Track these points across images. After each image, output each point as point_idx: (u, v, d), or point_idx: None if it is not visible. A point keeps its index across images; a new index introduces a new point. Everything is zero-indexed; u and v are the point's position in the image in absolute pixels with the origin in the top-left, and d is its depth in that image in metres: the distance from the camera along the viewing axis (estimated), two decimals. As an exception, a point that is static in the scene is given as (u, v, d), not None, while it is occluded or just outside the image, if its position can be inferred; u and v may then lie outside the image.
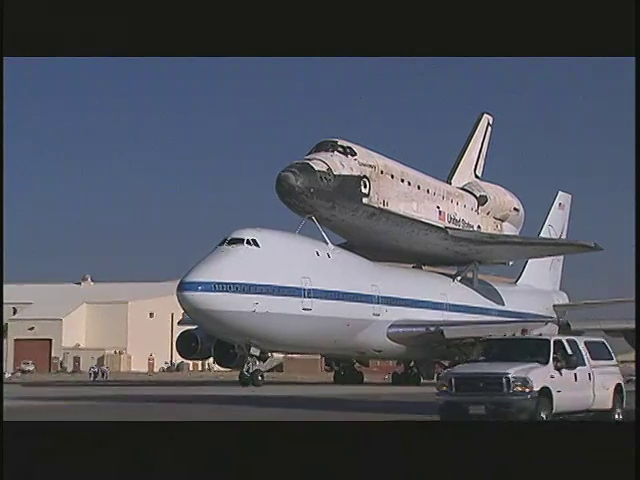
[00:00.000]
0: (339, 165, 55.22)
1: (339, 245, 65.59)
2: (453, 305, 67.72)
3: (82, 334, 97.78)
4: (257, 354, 52.87)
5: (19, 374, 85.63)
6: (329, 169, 54.14)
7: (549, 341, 24.48)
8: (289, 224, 64.65)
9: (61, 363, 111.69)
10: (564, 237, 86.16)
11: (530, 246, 71.42)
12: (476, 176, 74.90)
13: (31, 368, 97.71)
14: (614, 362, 27.31)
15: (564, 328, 63.50)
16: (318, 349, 54.74)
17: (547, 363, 23.91)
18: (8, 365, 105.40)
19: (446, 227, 64.87)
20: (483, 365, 24.47)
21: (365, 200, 57.07)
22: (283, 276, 51.78)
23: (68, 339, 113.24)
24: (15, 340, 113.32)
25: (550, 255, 76.06)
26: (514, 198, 72.77)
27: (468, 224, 68.22)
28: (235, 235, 51.45)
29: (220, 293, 50.06)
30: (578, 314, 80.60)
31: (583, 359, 25.02)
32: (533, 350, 24.54)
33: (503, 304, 71.39)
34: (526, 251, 71.97)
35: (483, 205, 71.04)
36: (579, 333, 64.60)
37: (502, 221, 72.67)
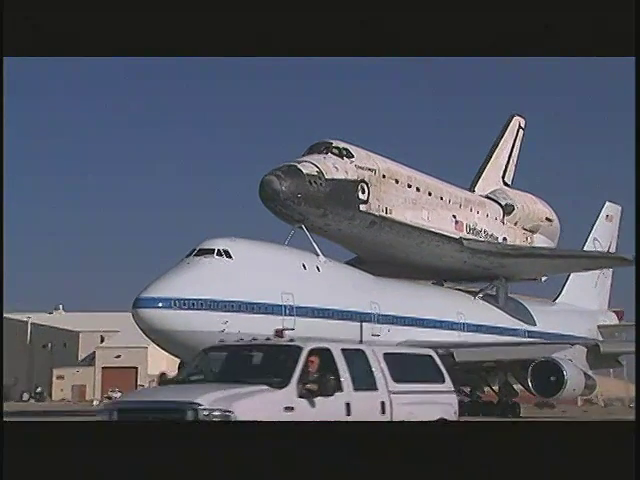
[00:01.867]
0: (332, 168, 50.61)
1: (350, 260, 61.18)
2: (472, 325, 62.13)
3: (166, 362, 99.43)
4: None
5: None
6: (320, 172, 49.80)
7: (299, 349, 17.75)
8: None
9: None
10: (612, 251, 78.21)
11: (559, 259, 66.52)
12: (505, 183, 70.70)
13: (117, 395, 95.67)
14: (444, 386, 21.03)
15: (592, 350, 58.63)
16: None
17: (286, 385, 17.36)
18: (96, 392, 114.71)
19: (461, 238, 60.37)
20: (168, 389, 18.34)
21: (363, 207, 52.58)
22: (260, 291, 46.27)
23: (153, 367, 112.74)
24: (103, 368, 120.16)
25: (585, 269, 70.51)
26: (546, 207, 68.48)
27: (491, 235, 64.13)
28: (204, 245, 46.42)
29: (183, 311, 44.01)
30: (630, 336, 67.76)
31: (373, 380, 18.52)
32: (274, 364, 18.45)
33: (534, 324, 67.43)
34: (555, 265, 67.20)
35: (509, 215, 66.69)
36: (613, 357, 60.46)
37: (533, 232, 68.60)
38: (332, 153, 51.26)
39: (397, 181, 54.77)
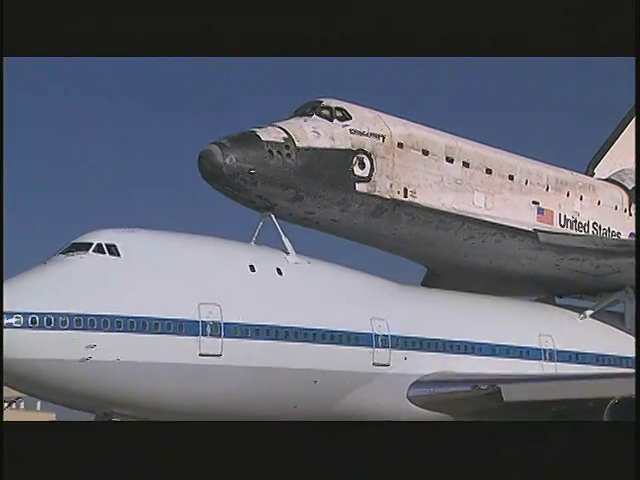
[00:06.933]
0: (310, 133, 38.89)
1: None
2: (565, 352, 46.18)
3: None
4: None
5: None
6: (288, 139, 38.39)
7: None
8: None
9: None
10: None
11: None
12: None
13: None
14: None
15: None
16: (261, 417, 36.93)
17: None
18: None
19: (535, 230, 46.04)
20: None
21: (362, 187, 39.94)
22: (162, 302, 34.33)
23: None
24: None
25: None
26: None
27: (607, 230, 48.59)
28: (80, 239, 35.36)
29: (25, 330, 31.38)
30: None
31: None
32: None
33: None
34: None
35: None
36: None
37: None
38: (320, 115, 39.70)
39: (426, 152, 41.93)
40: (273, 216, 39.12)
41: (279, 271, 37.78)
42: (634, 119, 52.26)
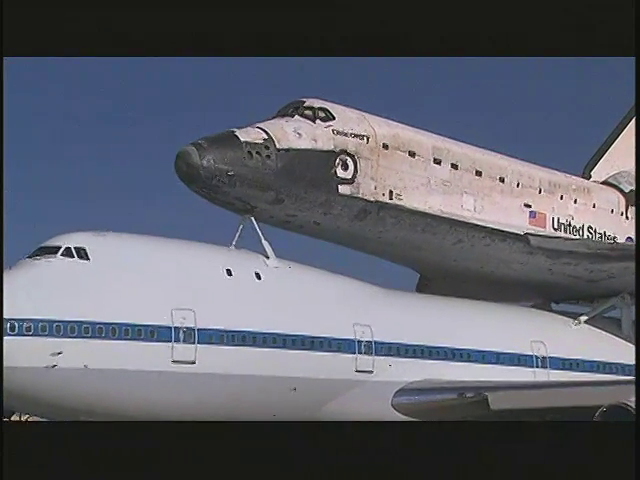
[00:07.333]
0: (291, 134, 38.28)
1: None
2: (559, 360, 45.07)
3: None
4: None
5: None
6: (268, 140, 37.73)
7: None
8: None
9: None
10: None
11: None
12: None
13: None
14: None
15: None
16: None
17: None
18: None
19: (526, 233, 44.65)
20: None
21: (345, 189, 39.10)
22: (132, 307, 33.19)
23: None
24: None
25: None
26: None
27: (603, 234, 47.43)
28: (48, 242, 34.52)
29: None
30: None
31: None
32: None
33: None
34: None
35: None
36: None
37: None
38: (302, 115, 39.08)
39: (412, 153, 41.17)
40: (253, 219, 38.16)
41: (258, 275, 36.93)
42: (633, 120, 50.84)
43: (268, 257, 37.70)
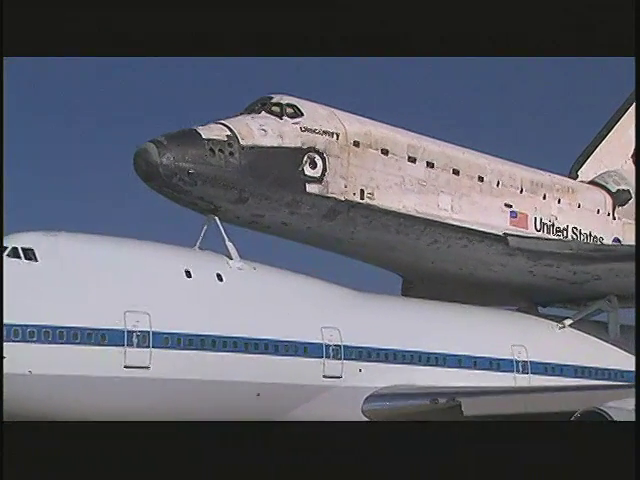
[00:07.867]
0: (256, 131, 36.87)
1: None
2: (541, 364, 43.64)
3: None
4: None
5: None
6: (232, 137, 36.33)
7: None
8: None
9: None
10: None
11: None
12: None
13: None
14: None
15: None
16: None
17: None
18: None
19: (505, 234, 43.44)
20: None
21: (313, 188, 37.63)
22: (81, 310, 31.62)
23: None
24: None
25: None
26: None
27: (588, 234, 46.16)
28: None
29: None
30: None
31: None
32: None
33: None
34: None
35: (623, 206, 46.37)
36: None
37: None
38: (269, 112, 37.70)
39: (385, 151, 39.85)
40: (217, 219, 36.66)
41: (219, 277, 35.37)
42: (621, 119, 49.29)
43: (232, 258, 36.01)
